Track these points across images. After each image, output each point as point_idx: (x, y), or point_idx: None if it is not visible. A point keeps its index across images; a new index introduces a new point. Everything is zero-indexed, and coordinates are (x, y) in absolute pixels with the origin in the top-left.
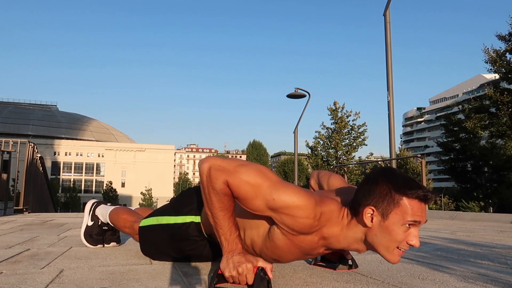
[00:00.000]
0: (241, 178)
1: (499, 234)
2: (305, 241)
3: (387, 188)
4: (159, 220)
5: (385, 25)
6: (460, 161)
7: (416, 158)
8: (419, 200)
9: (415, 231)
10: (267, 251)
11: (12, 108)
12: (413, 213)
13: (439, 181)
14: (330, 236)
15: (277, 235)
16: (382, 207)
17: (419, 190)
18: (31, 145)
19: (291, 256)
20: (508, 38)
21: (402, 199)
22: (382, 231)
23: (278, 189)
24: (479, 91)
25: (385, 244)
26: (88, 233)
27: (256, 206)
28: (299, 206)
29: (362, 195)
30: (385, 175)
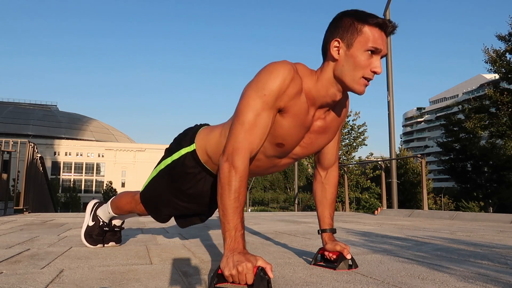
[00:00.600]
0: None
1: (499, 234)
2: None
3: (350, 19)
4: (157, 169)
5: None
6: (460, 161)
7: (416, 158)
8: (379, 28)
9: (377, 59)
10: (271, 137)
11: (12, 108)
12: (374, 39)
13: (439, 181)
14: (311, 89)
15: (278, 121)
16: (346, 37)
17: (379, 18)
18: (31, 145)
19: (295, 134)
20: (508, 38)
21: (364, 27)
22: (348, 60)
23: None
24: (479, 91)
25: (351, 73)
26: (89, 233)
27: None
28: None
29: (328, 33)
30: (347, 11)
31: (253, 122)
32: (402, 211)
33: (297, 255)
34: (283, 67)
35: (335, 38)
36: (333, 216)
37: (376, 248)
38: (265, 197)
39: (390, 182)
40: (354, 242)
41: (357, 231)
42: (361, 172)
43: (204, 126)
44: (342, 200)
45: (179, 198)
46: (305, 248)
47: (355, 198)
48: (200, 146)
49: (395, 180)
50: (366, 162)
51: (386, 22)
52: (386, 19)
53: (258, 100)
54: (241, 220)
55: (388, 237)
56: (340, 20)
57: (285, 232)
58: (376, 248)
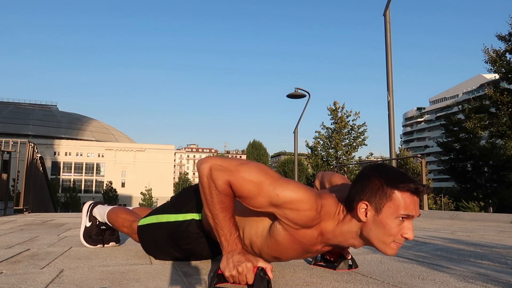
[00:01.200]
0: (244, 177)
1: (499, 234)
2: (305, 236)
3: (379, 182)
4: (159, 219)
5: (385, 25)
6: (460, 161)
7: (416, 158)
8: (411, 193)
9: (409, 224)
10: (267, 249)
11: (12, 108)
12: (405, 206)
13: (439, 181)
14: (328, 231)
15: (278, 231)
16: (375, 201)
17: (410, 183)
18: (31, 145)
19: (292, 253)
20: (508, 38)
21: (394, 193)
22: (377, 225)
23: (281, 185)
24: (479, 91)
25: (381, 238)
26: (87, 234)
27: (259, 203)
28: (302, 200)
29: (355, 191)
30: (376, 171)
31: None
32: None
33: None
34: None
35: (363, 201)
36: None
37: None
38: None
39: None
40: None
41: None
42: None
43: None
44: None
45: (176, 250)
46: None
47: None
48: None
49: None
50: (366, 162)
51: (418, 188)
52: (419, 183)
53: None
54: (233, 223)
55: None
56: (368, 180)
57: None
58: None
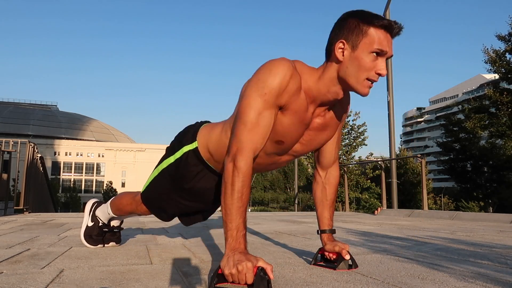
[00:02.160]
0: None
1: (499, 234)
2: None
3: (355, 21)
4: (159, 168)
5: None
6: (460, 161)
7: (416, 158)
8: (385, 29)
9: (382, 61)
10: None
11: (13, 108)
12: (379, 41)
13: (439, 181)
14: (311, 87)
15: (279, 119)
16: (352, 39)
17: (384, 20)
18: (31, 145)
19: (293, 130)
20: (508, 38)
21: (369, 29)
22: (352, 62)
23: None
24: (479, 91)
25: (355, 74)
26: (88, 234)
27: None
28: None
29: (333, 34)
30: (353, 12)
31: (255, 121)
32: (402, 211)
33: (297, 255)
34: (282, 64)
35: (340, 40)
36: (332, 217)
37: (376, 248)
38: (265, 197)
39: (390, 182)
40: (354, 242)
41: (357, 231)
42: (361, 172)
43: (205, 124)
44: (342, 200)
45: (182, 196)
46: (305, 248)
47: (355, 198)
48: (202, 144)
49: (395, 180)
50: (366, 162)
51: (391, 24)
52: (392, 21)
53: (259, 99)
54: (244, 220)
55: (388, 237)
56: (345, 21)
57: (285, 232)
58: (376, 248)
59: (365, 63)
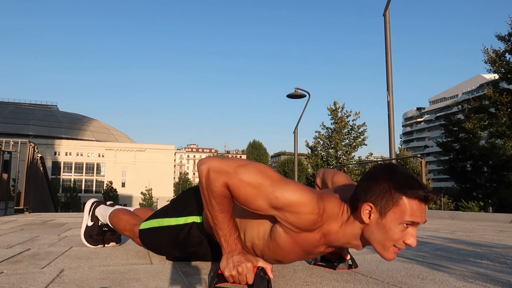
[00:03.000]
0: (242, 180)
1: (499, 234)
2: (307, 239)
3: (387, 185)
4: (160, 223)
5: (385, 25)
6: (459, 161)
7: (416, 158)
8: (419, 200)
9: (413, 230)
10: (269, 252)
11: (13, 108)
12: (412, 213)
13: (438, 181)
14: (331, 233)
15: (280, 234)
16: (380, 204)
17: (419, 190)
18: (32, 145)
19: (294, 256)
20: (507, 39)
21: (401, 199)
22: (379, 228)
23: (280, 186)
24: (478, 91)
25: (381, 242)
26: (88, 233)
27: (258, 206)
28: (302, 203)
29: (361, 191)
30: (386, 172)
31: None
32: None
33: None
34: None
35: (368, 202)
36: None
37: None
38: None
39: None
40: None
41: None
42: (361, 172)
43: None
44: None
45: (180, 253)
46: None
47: None
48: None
49: None
50: (366, 162)
51: (428, 196)
52: (428, 191)
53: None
54: (233, 224)
55: None
56: (376, 181)
57: None
58: None
59: (393, 234)
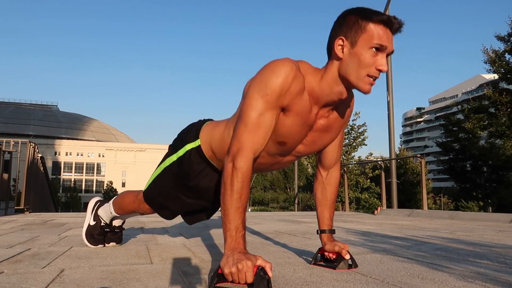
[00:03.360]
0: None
1: (498, 234)
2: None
3: (354, 17)
4: (162, 167)
5: None
6: (459, 161)
7: (415, 158)
8: (384, 24)
9: (383, 57)
10: (273, 135)
11: (13, 108)
12: (378, 37)
13: (438, 181)
14: (314, 88)
15: (280, 120)
16: (351, 35)
17: (383, 15)
18: (32, 145)
19: (295, 131)
20: (507, 39)
21: (368, 25)
22: (352, 58)
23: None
24: (478, 91)
25: (356, 71)
26: (90, 233)
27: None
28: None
29: (333, 32)
30: (352, 9)
31: (256, 122)
32: (401, 211)
33: (297, 254)
34: (285, 65)
35: (339, 36)
36: (332, 217)
37: (376, 248)
38: (265, 197)
39: (390, 182)
40: (354, 241)
41: (357, 231)
42: (361, 172)
43: (208, 122)
44: (342, 200)
45: (185, 193)
46: (305, 248)
47: (354, 198)
48: (204, 142)
49: (394, 180)
50: (366, 162)
51: (391, 19)
52: (392, 16)
53: (260, 100)
54: (243, 220)
55: (388, 237)
56: (344, 18)
57: (285, 232)
58: (376, 248)
59: (364, 59)
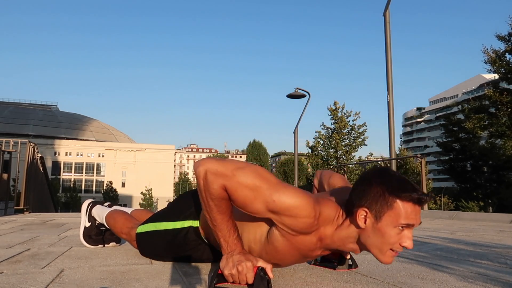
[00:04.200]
0: (239, 182)
1: (499, 234)
2: (304, 242)
3: (381, 190)
4: (157, 226)
5: (385, 25)
6: (459, 161)
7: (416, 158)
8: (413, 203)
9: (409, 233)
10: (267, 255)
11: (13, 108)
12: (406, 216)
13: (438, 181)
14: (326, 236)
15: (277, 237)
16: (375, 209)
17: (413, 193)
18: (32, 145)
19: (291, 259)
20: (507, 39)
21: (395, 202)
22: (375, 233)
23: (278, 190)
24: (478, 91)
25: (378, 246)
26: (87, 234)
27: (255, 209)
28: (299, 207)
29: (356, 196)
30: (379, 176)
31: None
32: None
33: None
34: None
35: (362, 207)
36: None
37: None
38: None
39: None
40: None
41: None
42: (361, 172)
43: None
44: None
45: (175, 257)
46: None
47: None
48: (204, 223)
49: None
50: (366, 162)
51: (421, 198)
52: (421, 193)
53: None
54: (232, 224)
55: None
56: (370, 186)
57: None
58: None
59: (389, 237)
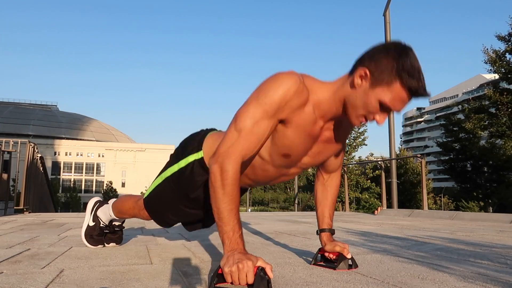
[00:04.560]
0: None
1: (499, 234)
2: (303, 118)
3: (392, 64)
4: (163, 176)
5: (385, 25)
6: (459, 161)
7: (416, 158)
8: (409, 93)
9: (385, 114)
10: (275, 146)
11: (13, 108)
12: (393, 99)
13: (438, 181)
14: (321, 101)
15: (283, 132)
16: (376, 77)
17: (414, 82)
18: (32, 145)
19: (299, 142)
20: (507, 39)
21: (396, 82)
22: (363, 96)
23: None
24: (478, 91)
25: (357, 107)
26: (89, 233)
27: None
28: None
29: (367, 56)
30: (399, 52)
31: (249, 129)
32: (402, 211)
33: (297, 255)
34: (288, 77)
35: (367, 68)
36: (332, 217)
37: (376, 248)
38: (265, 197)
39: (390, 182)
40: (354, 242)
41: (357, 231)
42: (361, 172)
43: (211, 132)
44: (342, 200)
45: (186, 204)
46: (305, 248)
47: (355, 198)
48: (207, 153)
49: (395, 180)
50: (366, 162)
51: (418, 91)
52: (422, 85)
53: (258, 108)
54: (238, 221)
55: (388, 237)
56: (385, 55)
57: (285, 232)
58: (376, 248)
59: (369, 106)
